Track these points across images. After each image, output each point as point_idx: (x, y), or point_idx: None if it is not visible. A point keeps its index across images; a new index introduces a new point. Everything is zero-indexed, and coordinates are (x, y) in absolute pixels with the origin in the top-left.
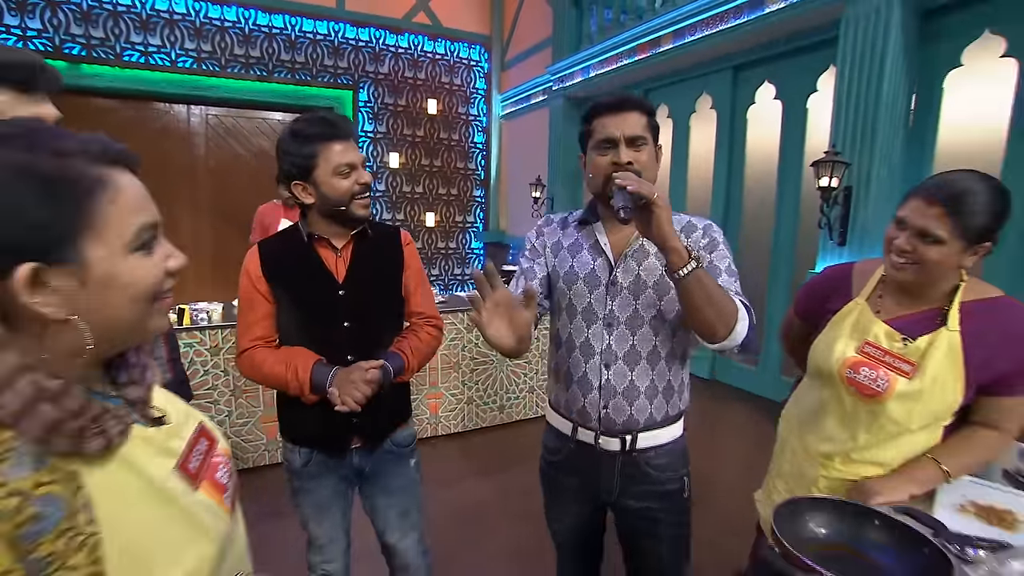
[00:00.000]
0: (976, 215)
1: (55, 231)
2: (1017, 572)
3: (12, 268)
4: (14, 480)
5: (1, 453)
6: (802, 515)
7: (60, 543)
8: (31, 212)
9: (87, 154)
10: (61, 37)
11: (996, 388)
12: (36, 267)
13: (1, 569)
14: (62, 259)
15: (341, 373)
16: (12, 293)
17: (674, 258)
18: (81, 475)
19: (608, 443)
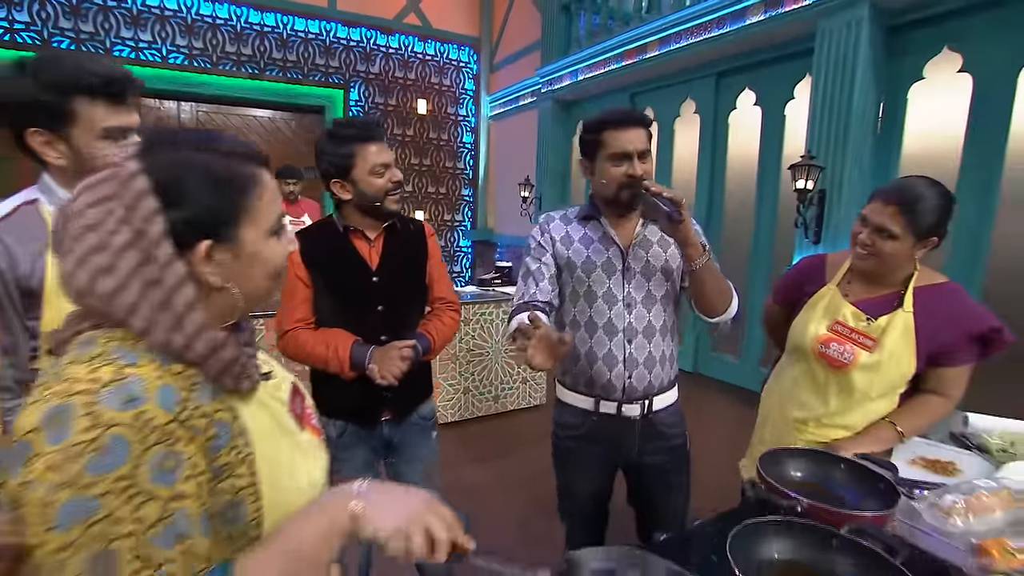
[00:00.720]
0: (925, 214)
1: (223, 216)
2: (949, 501)
3: (195, 244)
4: (202, 405)
5: (192, 385)
6: (782, 462)
7: (230, 456)
8: (209, 200)
9: (244, 156)
10: (49, 31)
11: (941, 360)
12: (210, 244)
13: (199, 470)
14: (225, 239)
15: (379, 352)
16: (191, 263)
17: (692, 252)
18: (236, 408)
19: (630, 410)
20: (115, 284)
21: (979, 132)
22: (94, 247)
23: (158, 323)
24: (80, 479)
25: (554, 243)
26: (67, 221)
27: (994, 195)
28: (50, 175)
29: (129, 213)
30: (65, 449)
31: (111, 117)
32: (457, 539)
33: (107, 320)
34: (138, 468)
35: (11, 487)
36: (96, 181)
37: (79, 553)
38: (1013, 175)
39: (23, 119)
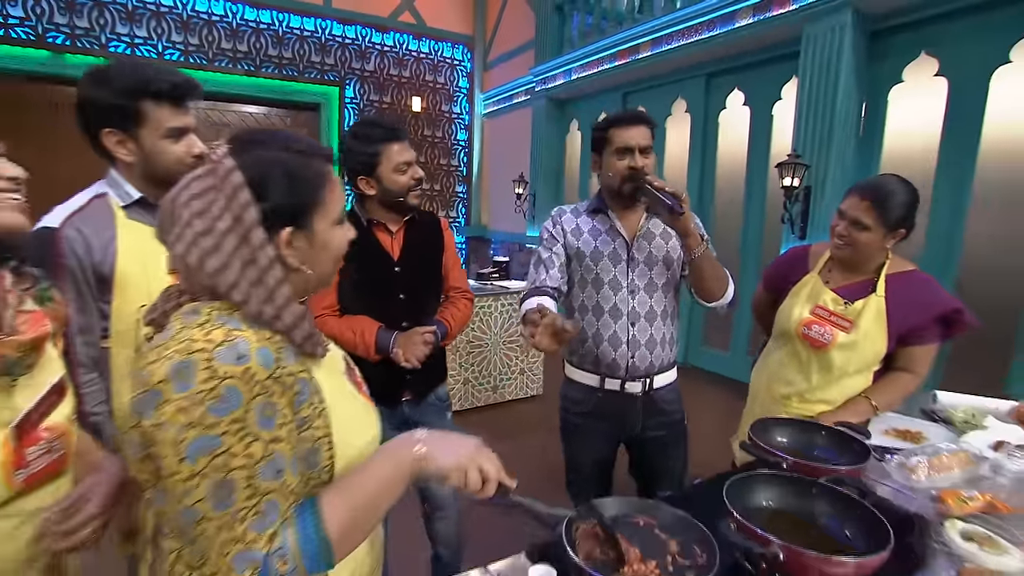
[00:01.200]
0: (895, 208)
1: (302, 207)
2: (915, 460)
3: (279, 231)
4: (289, 366)
5: (279, 349)
6: (770, 429)
7: (310, 410)
8: (291, 194)
9: (318, 155)
10: (44, 26)
11: (910, 340)
12: (291, 231)
13: (289, 419)
14: (303, 227)
15: (402, 337)
16: (276, 247)
17: (692, 242)
18: (312, 371)
19: (632, 387)
20: (219, 263)
21: (953, 133)
22: (201, 232)
23: (253, 296)
24: (204, 420)
25: (565, 234)
26: (173, 211)
27: (967, 194)
28: (117, 171)
29: (229, 203)
30: (190, 396)
31: (174, 118)
32: (502, 478)
33: (209, 293)
34: (247, 413)
35: (144, 427)
36: (198, 176)
37: (205, 480)
38: (984, 175)
39: (100, 120)
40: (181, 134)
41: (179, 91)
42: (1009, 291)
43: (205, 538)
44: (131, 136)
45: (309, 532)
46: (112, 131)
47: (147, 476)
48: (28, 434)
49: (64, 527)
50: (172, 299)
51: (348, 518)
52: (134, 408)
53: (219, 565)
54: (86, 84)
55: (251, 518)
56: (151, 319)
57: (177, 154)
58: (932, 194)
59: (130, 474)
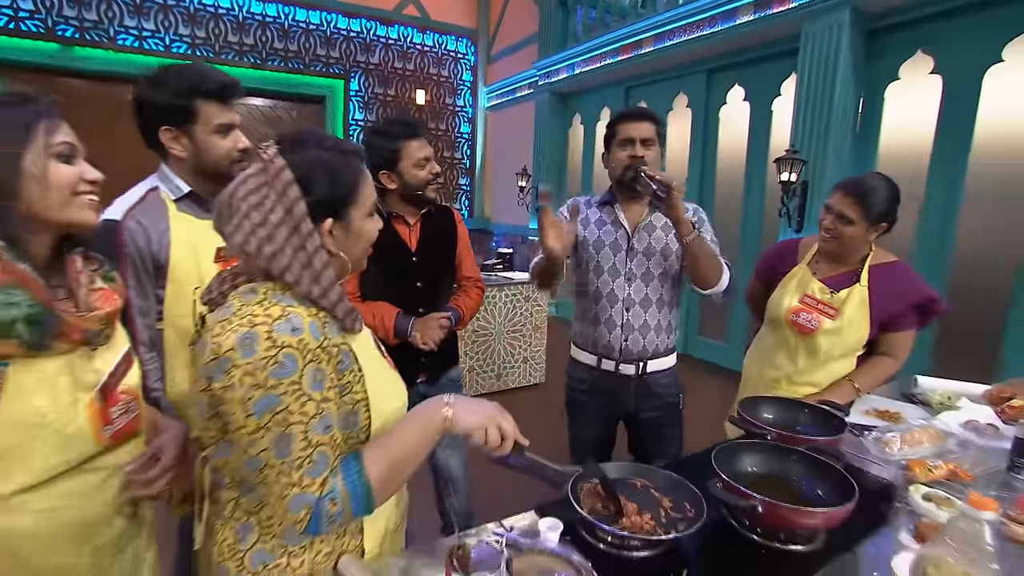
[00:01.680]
0: (877, 203)
1: (341, 201)
2: (889, 435)
3: (323, 221)
4: (333, 338)
5: (324, 323)
6: (758, 406)
7: (350, 376)
8: (332, 189)
9: (353, 154)
10: (53, 19)
11: (890, 326)
12: (331, 221)
13: (334, 384)
14: (341, 218)
15: (419, 321)
16: (320, 236)
17: (683, 229)
18: (351, 343)
19: (626, 369)
20: (274, 249)
21: (947, 130)
22: (258, 223)
23: (304, 278)
24: (267, 382)
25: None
26: (231, 204)
27: (959, 189)
28: (168, 166)
29: (280, 198)
30: (255, 362)
31: (222, 115)
32: (517, 437)
33: (264, 275)
34: (302, 377)
35: (214, 389)
36: (251, 174)
37: (269, 433)
38: (976, 171)
39: (158, 119)
40: (228, 130)
41: (226, 91)
42: (999, 285)
43: (266, 484)
44: (185, 132)
45: (354, 479)
46: (168, 128)
47: (213, 433)
48: (110, 396)
49: (143, 478)
50: (227, 282)
51: (386, 469)
52: (204, 374)
53: (277, 508)
54: (145, 86)
55: (306, 466)
56: (208, 299)
57: (225, 148)
58: (926, 190)
59: (190, 436)
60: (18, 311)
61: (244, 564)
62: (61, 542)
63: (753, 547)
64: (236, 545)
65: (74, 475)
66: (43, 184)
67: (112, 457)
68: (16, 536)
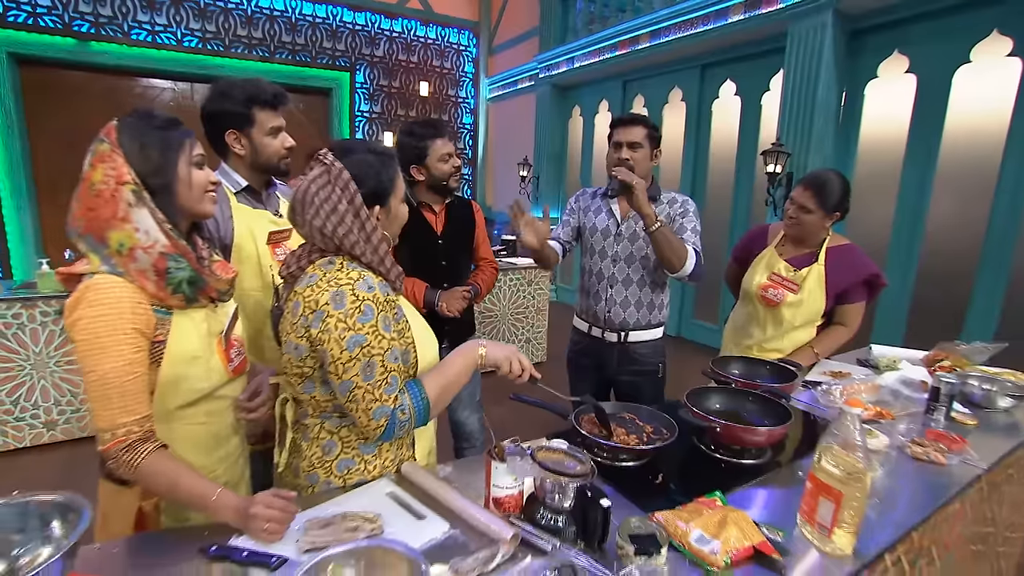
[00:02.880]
0: (831, 196)
1: (385, 192)
2: (835, 387)
3: (373, 207)
4: (390, 295)
5: (383, 283)
6: (727, 363)
7: (403, 323)
8: (378, 183)
9: (391, 155)
10: (70, 15)
11: (843, 298)
12: (379, 208)
13: (395, 327)
14: (385, 205)
15: (445, 294)
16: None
17: (646, 221)
18: (398, 299)
19: (610, 336)
20: (345, 230)
21: (920, 125)
22: (330, 211)
23: (366, 250)
24: (355, 325)
25: (579, 209)
26: (304, 198)
27: (930, 181)
28: (228, 164)
29: (344, 192)
30: (345, 311)
31: (274, 120)
32: (532, 371)
33: (335, 250)
34: (378, 321)
35: (313, 334)
36: (317, 176)
37: (358, 363)
38: (945, 163)
39: (225, 123)
40: (278, 131)
41: (277, 99)
42: (964, 269)
43: (355, 401)
44: (245, 135)
45: (417, 396)
46: (232, 131)
47: (307, 370)
48: (229, 340)
49: (250, 406)
50: (304, 258)
51: (439, 389)
52: (302, 324)
53: (362, 418)
54: (214, 98)
55: (384, 385)
56: (288, 273)
57: (275, 147)
58: (900, 179)
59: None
60: (183, 274)
61: (332, 470)
62: (201, 448)
63: (714, 461)
64: (324, 457)
65: (210, 400)
66: (188, 184)
67: (230, 389)
68: (177, 440)
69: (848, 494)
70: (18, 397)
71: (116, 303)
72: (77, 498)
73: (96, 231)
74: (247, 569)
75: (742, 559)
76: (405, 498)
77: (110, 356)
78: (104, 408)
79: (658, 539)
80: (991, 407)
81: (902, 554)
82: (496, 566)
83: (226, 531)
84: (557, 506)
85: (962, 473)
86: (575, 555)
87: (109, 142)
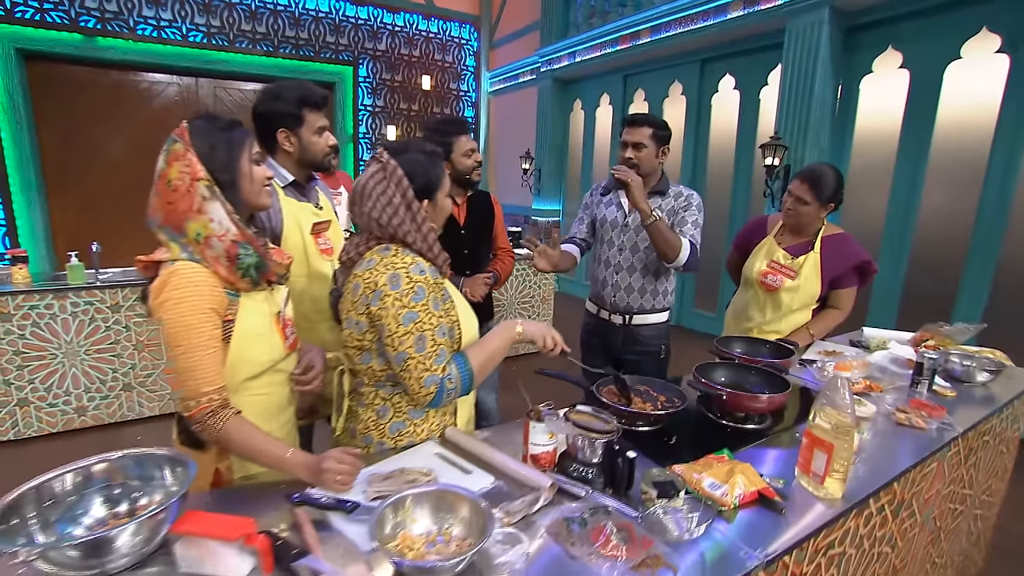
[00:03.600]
0: (826, 188)
1: (432, 187)
2: (828, 364)
3: (422, 201)
4: (437, 278)
5: (432, 267)
6: (730, 343)
7: (448, 303)
8: (427, 179)
9: (437, 154)
10: (76, 10)
11: (836, 283)
12: (427, 202)
13: (443, 306)
14: (432, 199)
15: (468, 280)
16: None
17: (642, 216)
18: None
19: (616, 319)
20: (399, 221)
21: (913, 119)
22: (385, 204)
23: (417, 239)
24: (410, 304)
25: (593, 203)
26: (363, 192)
27: (922, 172)
28: (276, 160)
29: (397, 187)
30: (401, 291)
31: (320, 120)
32: (563, 345)
33: (390, 238)
34: (428, 300)
35: (372, 311)
36: (374, 172)
37: (412, 336)
38: (936, 156)
39: (277, 122)
40: (323, 130)
41: (323, 101)
42: (954, 257)
43: (408, 370)
44: (295, 133)
45: (462, 367)
46: (284, 130)
47: (366, 343)
48: (284, 319)
49: (305, 379)
50: (362, 245)
51: (481, 362)
52: (363, 302)
53: (414, 386)
54: (266, 100)
55: (434, 357)
56: (347, 258)
57: (321, 144)
58: (894, 171)
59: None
60: (250, 259)
61: (385, 432)
62: (263, 417)
63: (720, 427)
64: (378, 421)
65: (271, 373)
66: (250, 179)
67: (286, 363)
68: (243, 409)
69: (839, 446)
70: (51, 384)
71: (196, 286)
72: (181, 454)
73: (174, 222)
74: (325, 513)
75: (748, 502)
76: (452, 457)
77: (194, 332)
78: (190, 379)
79: (676, 485)
80: (970, 381)
81: (886, 503)
82: (539, 508)
83: (298, 485)
84: (587, 459)
85: (940, 436)
86: (605, 499)
87: (183, 143)
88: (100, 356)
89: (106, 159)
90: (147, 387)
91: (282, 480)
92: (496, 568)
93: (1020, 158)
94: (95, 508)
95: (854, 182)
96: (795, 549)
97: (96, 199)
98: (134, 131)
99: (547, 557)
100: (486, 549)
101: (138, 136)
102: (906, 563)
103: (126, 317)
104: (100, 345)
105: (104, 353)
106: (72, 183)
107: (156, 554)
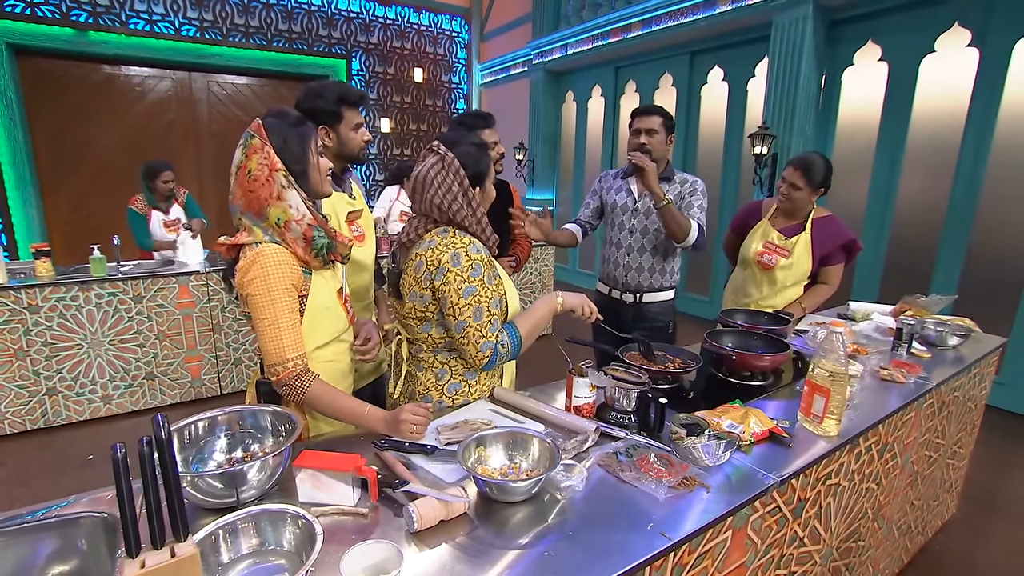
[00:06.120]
0: (816, 174)
1: (482, 175)
2: (820, 332)
3: (474, 188)
4: (489, 256)
5: (472, 242)
6: (733, 314)
7: (498, 279)
8: (478, 168)
9: (485, 145)
10: (68, 4)
11: (826, 261)
12: (478, 189)
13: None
14: (482, 186)
15: None
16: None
17: (656, 199)
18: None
19: (627, 297)
20: (457, 207)
21: (891, 109)
22: (445, 192)
23: (472, 222)
24: (470, 279)
25: (602, 189)
26: (424, 181)
27: (900, 160)
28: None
29: (455, 176)
30: (461, 268)
31: (357, 117)
32: (597, 314)
33: (448, 221)
34: (484, 276)
35: (436, 285)
36: (432, 163)
37: (471, 307)
38: (912, 144)
39: (317, 119)
40: (359, 127)
41: (360, 100)
42: (929, 237)
43: (467, 337)
44: (333, 129)
45: (512, 334)
46: (324, 126)
47: (428, 314)
48: (345, 295)
49: (364, 348)
50: (421, 227)
51: (528, 329)
52: (427, 278)
53: (471, 350)
54: (307, 98)
55: (489, 325)
56: (407, 239)
57: (357, 140)
58: (874, 158)
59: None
60: (323, 241)
61: (443, 391)
62: (331, 381)
63: (730, 384)
64: (437, 382)
65: (336, 343)
66: (316, 169)
67: (347, 334)
68: None
69: (835, 391)
70: (77, 374)
71: (280, 264)
72: (286, 411)
73: (256, 209)
74: (407, 457)
75: (761, 439)
76: (504, 411)
77: (279, 304)
78: (276, 347)
79: (701, 425)
80: (943, 344)
81: (872, 443)
82: (588, 447)
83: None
84: (623, 407)
85: (918, 389)
86: (641, 439)
87: (260, 137)
88: (124, 346)
89: (99, 154)
90: (168, 376)
91: (357, 435)
92: (562, 490)
93: (989, 147)
94: (216, 453)
95: (838, 169)
96: (800, 475)
97: (90, 194)
98: (127, 126)
99: (599, 482)
100: (551, 477)
101: (131, 130)
102: (889, 500)
103: (148, 308)
104: (123, 335)
105: (128, 343)
106: (65, 179)
107: (274, 490)
